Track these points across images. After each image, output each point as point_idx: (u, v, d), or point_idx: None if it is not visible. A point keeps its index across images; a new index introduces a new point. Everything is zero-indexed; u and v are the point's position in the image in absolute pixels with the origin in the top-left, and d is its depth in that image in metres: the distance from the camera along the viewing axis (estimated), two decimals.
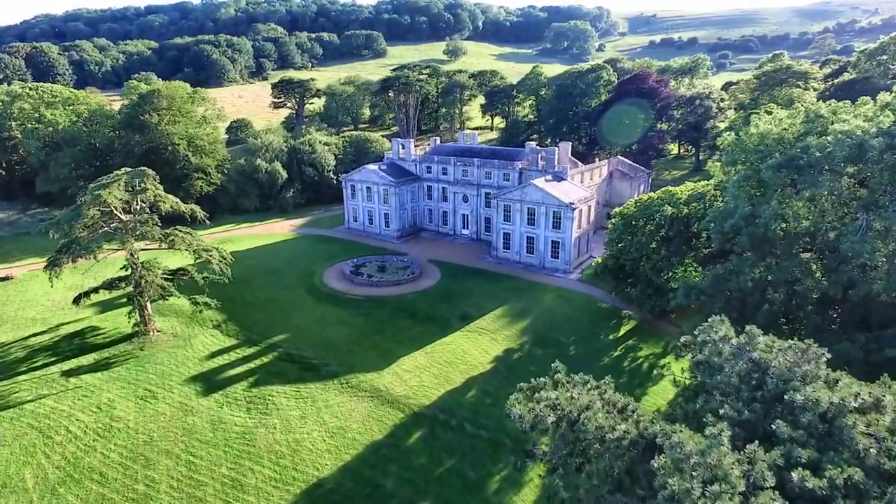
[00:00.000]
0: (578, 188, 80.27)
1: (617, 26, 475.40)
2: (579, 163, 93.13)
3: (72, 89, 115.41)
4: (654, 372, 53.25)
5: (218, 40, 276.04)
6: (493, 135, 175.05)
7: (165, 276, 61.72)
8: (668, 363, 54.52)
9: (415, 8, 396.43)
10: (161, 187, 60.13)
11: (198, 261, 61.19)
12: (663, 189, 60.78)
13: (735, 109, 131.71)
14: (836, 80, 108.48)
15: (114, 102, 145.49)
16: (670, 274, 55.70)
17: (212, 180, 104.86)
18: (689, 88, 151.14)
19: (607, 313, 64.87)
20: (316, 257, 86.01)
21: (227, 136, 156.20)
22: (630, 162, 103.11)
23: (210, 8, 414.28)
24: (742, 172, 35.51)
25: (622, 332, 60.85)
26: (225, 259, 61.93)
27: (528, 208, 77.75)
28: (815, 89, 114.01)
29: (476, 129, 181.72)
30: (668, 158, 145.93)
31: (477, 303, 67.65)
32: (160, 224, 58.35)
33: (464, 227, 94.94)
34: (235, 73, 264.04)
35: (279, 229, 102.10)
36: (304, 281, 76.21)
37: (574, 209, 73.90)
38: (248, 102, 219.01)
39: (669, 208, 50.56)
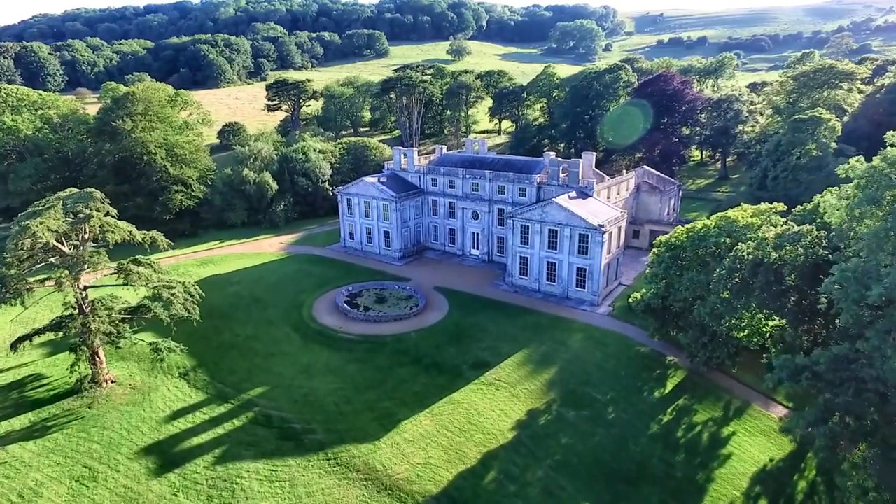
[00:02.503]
0: (607, 206, 69.80)
1: (623, 26, 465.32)
2: (605, 176, 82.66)
3: (40, 92, 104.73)
4: (718, 448, 42.80)
5: (215, 40, 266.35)
6: (502, 139, 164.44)
7: (124, 313, 51.77)
8: (735, 433, 44.19)
9: (417, 7, 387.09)
10: (113, 211, 50.14)
11: (158, 298, 50.99)
12: (719, 215, 50.30)
13: (761, 114, 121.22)
14: (885, 82, 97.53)
15: (96, 105, 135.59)
16: (732, 321, 45.18)
17: (193, 193, 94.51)
18: (713, 90, 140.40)
19: (648, 361, 54.37)
20: (306, 283, 75.75)
21: (218, 141, 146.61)
22: (658, 173, 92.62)
23: (210, 7, 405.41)
24: (887, 217, 25.10)
25: (669, 387, 50.35)
26: (192, 296, 51.84)
27: (550, 230, 67.33)
28: (860, 91, 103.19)
29: (483, 133, 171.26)
30: (690, 165, 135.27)
31: (492, 345, 57.26)
32: (107, 258, 48.16)
33: (473, 247, 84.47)
34: (233, 74, 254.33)
35: (268, 247, 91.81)
36: (291, 314, 65.95)
37: (604, 232, 63.47)
38: (244, 104, 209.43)
39: (745, 247, 39.78)
